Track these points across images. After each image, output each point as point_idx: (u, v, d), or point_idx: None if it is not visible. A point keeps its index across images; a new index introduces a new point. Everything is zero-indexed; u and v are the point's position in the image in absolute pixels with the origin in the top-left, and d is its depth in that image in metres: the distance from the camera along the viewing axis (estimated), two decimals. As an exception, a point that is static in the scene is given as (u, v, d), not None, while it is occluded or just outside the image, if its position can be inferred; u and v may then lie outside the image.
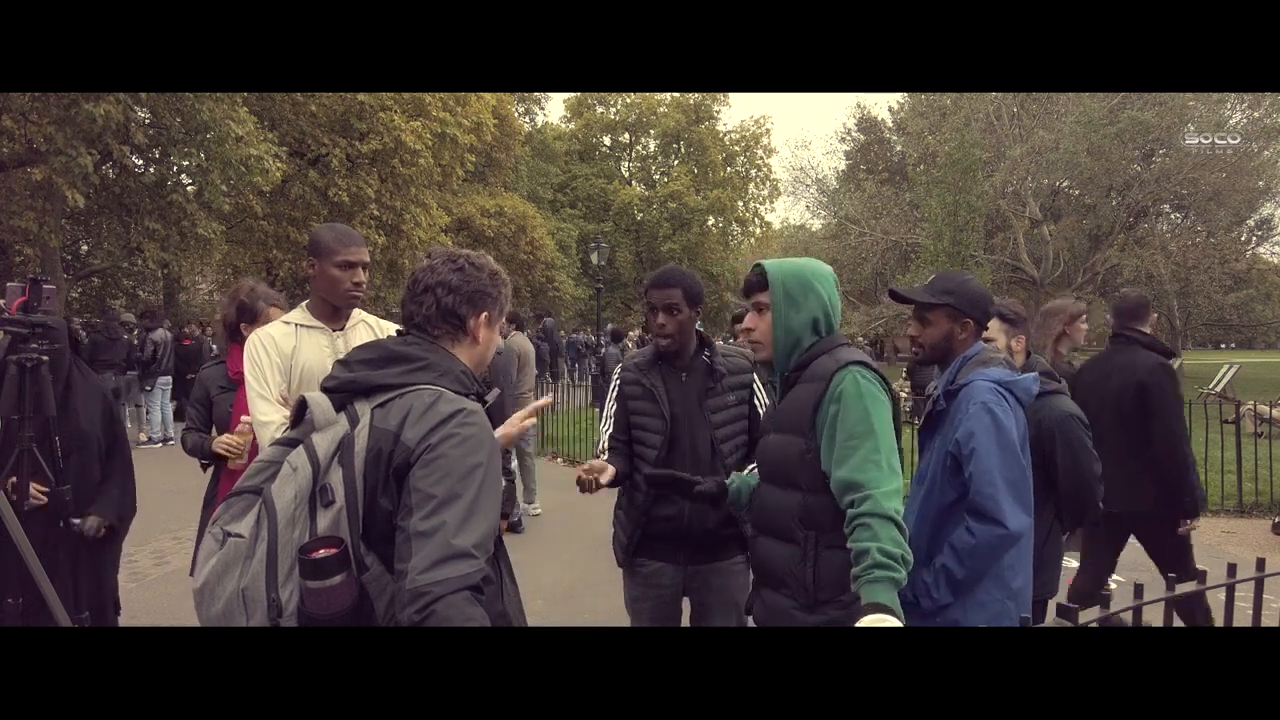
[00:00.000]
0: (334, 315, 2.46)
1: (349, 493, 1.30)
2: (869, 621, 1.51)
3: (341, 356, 2.34)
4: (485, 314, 1.54)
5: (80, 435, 2.66)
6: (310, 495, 1.31)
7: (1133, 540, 3.55)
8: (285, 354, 2.37)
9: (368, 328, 2.53)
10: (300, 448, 1.36)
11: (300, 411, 1.44)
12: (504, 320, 1.69)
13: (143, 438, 10.74)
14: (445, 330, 1.51)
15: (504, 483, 3.28)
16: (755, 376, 2.54)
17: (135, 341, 10.89)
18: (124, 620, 3.09)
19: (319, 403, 1.40)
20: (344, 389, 1.42)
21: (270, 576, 1.26)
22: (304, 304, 2.50)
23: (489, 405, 1.50)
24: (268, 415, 2.31)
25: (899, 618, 1.53)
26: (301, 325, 2.43)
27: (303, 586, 1.25)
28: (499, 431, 1.94)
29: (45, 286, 2.51)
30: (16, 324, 2.43)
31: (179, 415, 11.35)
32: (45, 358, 2.45)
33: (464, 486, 1.28)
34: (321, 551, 1.24)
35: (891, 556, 1.60)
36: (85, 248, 18.98)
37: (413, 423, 1.32)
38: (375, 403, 1.37)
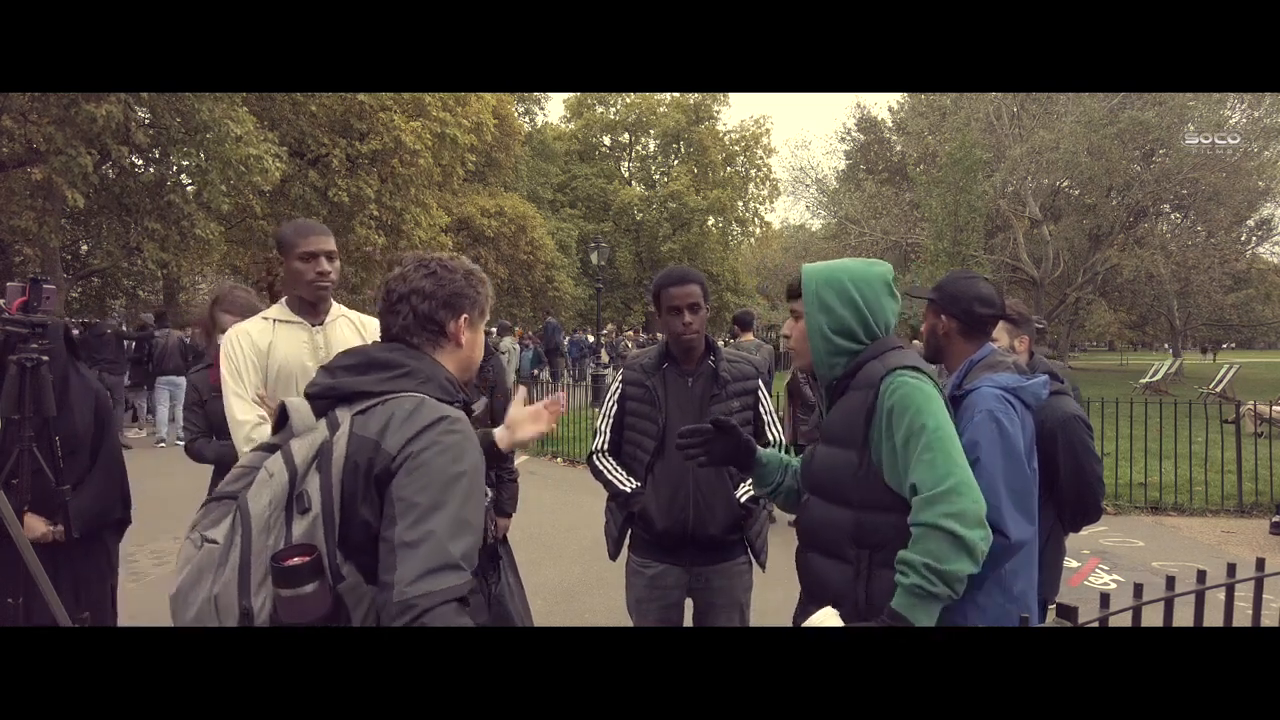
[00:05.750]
0: (311, 310, 2.43)
1: (325, 500, 1.27)
2: (815, 620, 1.63)
3: (322, 352, 2.35)
4: (465, 316, 1.52)
5: (76, 437, 2.66)
6: (286, 502, 1.28)
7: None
8: (261, 350, 2.34)
9: (349, 322, 2.49)
10: (278, 453, 1.34)
11: (282, 417, 1.43)
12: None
13: (134, 436, 10.72)
14: (426, 337, 1.48)
15: (512, 482, 3.28)
16: (761, 383, 2.54)
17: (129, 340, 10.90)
18: (123, 620, 3.08)
19: (298, 408, 1.39)
20: (325, 395, 1.40)
21: (242, 584, 1.25)
22: (283, 299, 2.48)
23: (475, 413, 1.45)
24: (243, 414, 2.28)
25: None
26: (279, 320, 2.41)
27: (276, 595, 1.23)
28: (498, 433, 1.91)
29: (45, 286, 2.50)
30: (16, 324, 2.43)
31: None
32: (45, 358, 2.45)
33: (447, 495, 1.26)
34: (295, 559, 1.22)
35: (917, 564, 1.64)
36: (85, 248, 18.93)
37: (394, 430, 1.30)
38: (356, 409, 1.35)
